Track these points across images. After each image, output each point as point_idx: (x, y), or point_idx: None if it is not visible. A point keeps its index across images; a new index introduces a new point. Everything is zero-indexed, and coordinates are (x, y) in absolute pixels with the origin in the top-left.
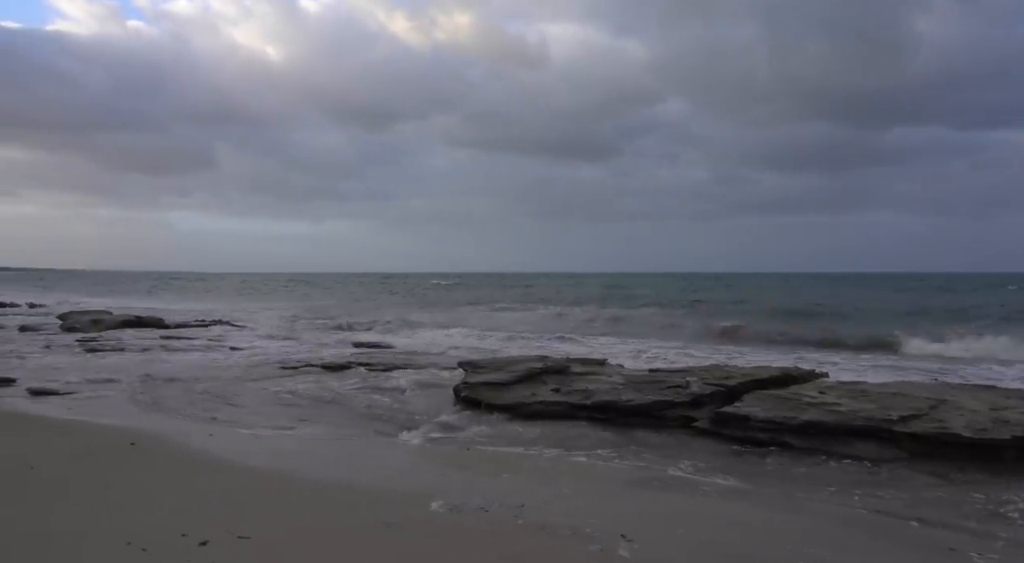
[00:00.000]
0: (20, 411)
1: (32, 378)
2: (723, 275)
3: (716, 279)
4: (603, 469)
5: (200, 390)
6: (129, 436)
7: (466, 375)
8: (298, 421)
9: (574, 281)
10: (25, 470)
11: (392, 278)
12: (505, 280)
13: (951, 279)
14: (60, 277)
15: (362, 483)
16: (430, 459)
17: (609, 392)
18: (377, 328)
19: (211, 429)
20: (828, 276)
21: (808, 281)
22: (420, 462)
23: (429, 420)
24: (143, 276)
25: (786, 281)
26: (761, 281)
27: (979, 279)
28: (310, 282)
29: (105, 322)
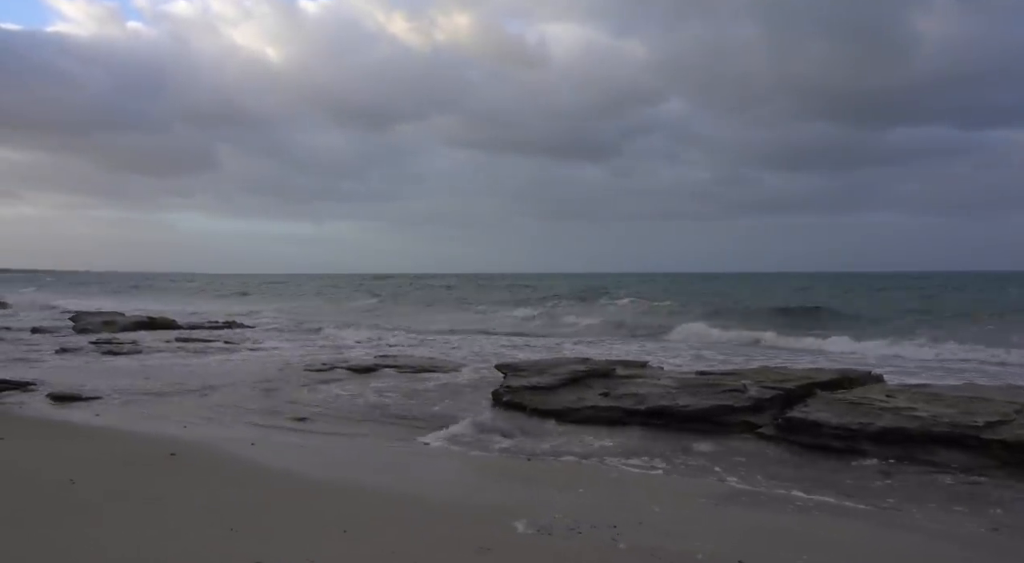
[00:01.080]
0: (46, 418)
1: (52, 382)
2: (723, 275)
3: (711, 279)
4: (683, 483)
5: (230, 394)
6: (166, 445)
7: (506, 378)
8: (342, 426)
9: (568, 280)
10: (64, 485)
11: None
12: (495, 280)
13: (952, 278)
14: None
15: (434, 497)
16: (494, 471)
17: (663, 396)
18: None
19: (250, 436)
20: (831, 275)
21: (806, 280)
22: (485, 474)
23: (477, 427)
24: (143, 277)
25: (779, 281)
26: (759, 281)
27: (981, 278)
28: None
29: (118, 324)
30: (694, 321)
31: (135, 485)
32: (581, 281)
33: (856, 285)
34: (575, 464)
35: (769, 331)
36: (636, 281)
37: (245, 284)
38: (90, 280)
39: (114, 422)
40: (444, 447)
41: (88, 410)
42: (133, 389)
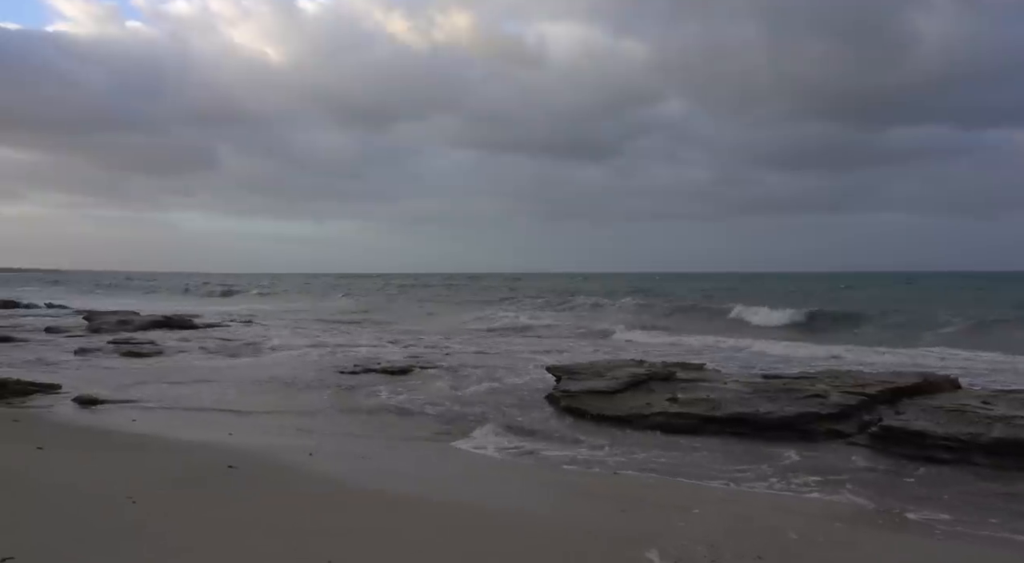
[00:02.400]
0: (82, 424)
1: (76, 385)
2: (724, 275)
3: (711, 279)
4: (801, 502)
5: (267, 398)
6: (220, 456)
7: (561, 382)
8: (395, 432)
9: (565, 280)
10: (124, 506)
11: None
12: (492, 279)
13: (954, 277)
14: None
15: (540, 516)
16: (585, 487)
17: (738, 402)
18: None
19: (303, 444)
20: (833, 275)
21: (807, 280)
22: (576, 490)
23: (543, 435)
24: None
25: (784, 281)
26: (762, 281)
27: (983, 277)
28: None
29: (133, 323)
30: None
31: (198, 504)
32: (581, 281)
33: (861, 284)
34: (670, 480)
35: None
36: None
37: (250, 283)
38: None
39: (156, 429)
40: (513, 458)
41: (122, 415)
42: (162, 392)
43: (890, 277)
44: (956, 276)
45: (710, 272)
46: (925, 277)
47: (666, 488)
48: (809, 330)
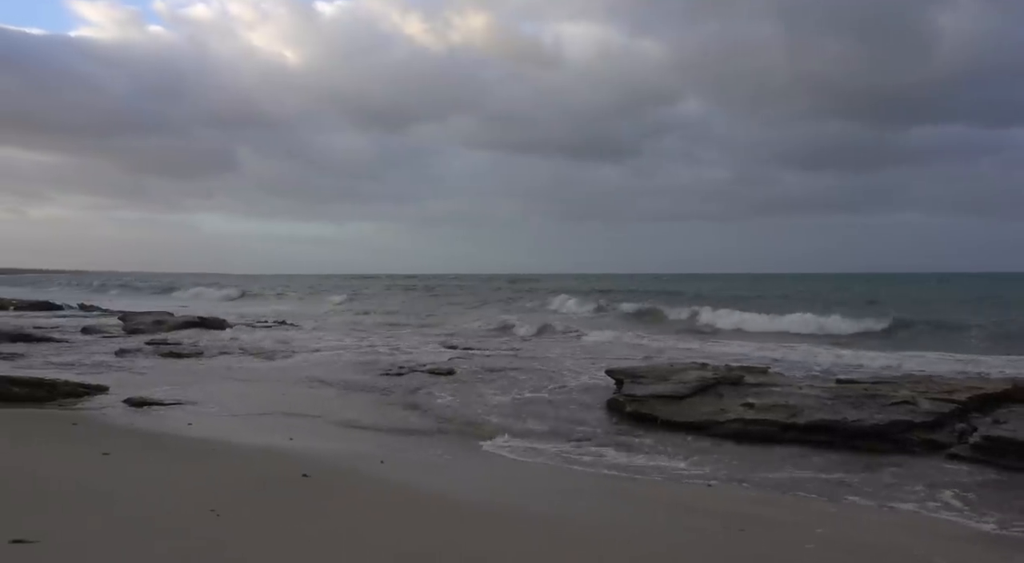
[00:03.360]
0: (139, 428)
1: (122, 386)
2: (743, 275)
3: (732, 279)
4: (927, 521)
5: (316, 400)
6: (292, 464)
7: (624, 386)
8: (460, 438)
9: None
10: (209, 520)
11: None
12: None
13: (978, 279)
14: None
15: (643, 533)
16: (680, 500)
17: (820, 409)
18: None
19: (370, 450)
20: (854, 276)
21: (828, 281)
22: (673, 504)
23: (619, 444)
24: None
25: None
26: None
27: (1008, 279)
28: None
29: (167, 323)
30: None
31: (280, 517)
32: (595, 282)
33: (881, 285)
34: (772, 495)
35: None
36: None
37: (272, 284)
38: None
39: (214, 433)
40: (591, 468)
41: (176, 418)
42: (209, 394)
43: (912, 278)
44: (983, 277)
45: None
46: (952, 278)
47: (770, 504)
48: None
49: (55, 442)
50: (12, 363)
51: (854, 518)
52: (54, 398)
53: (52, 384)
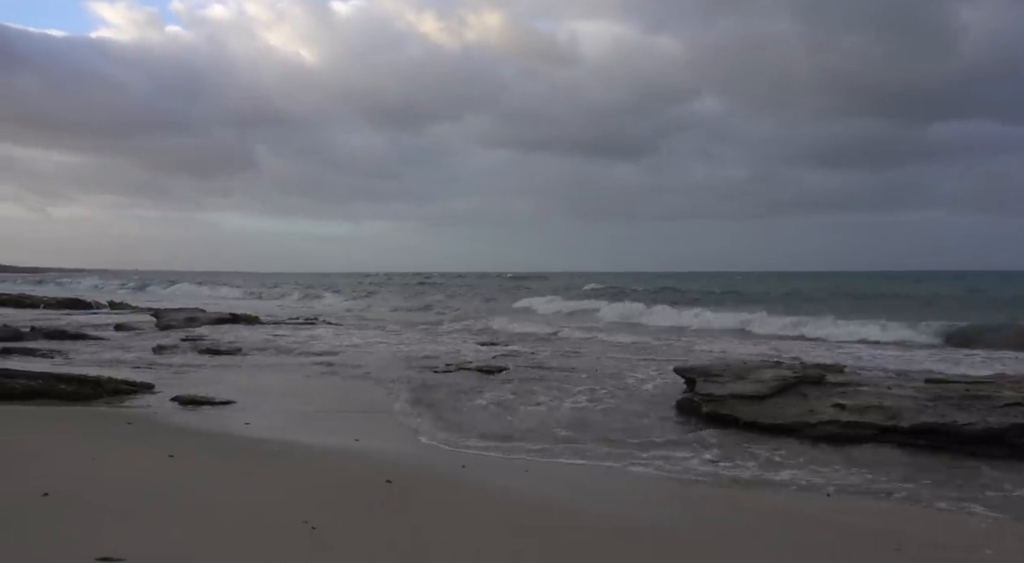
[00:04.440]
0: (197, 428)
1: (166, 383)
2: (763, 274)
3: (754, 278)
4: None
5: (368, 398)
6: (372, 468)
7: (696, 385)
8: (535, 441)
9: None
10: (306, 535)
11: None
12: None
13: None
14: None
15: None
16: (807, 514)
17: (924, 411)
18: None
19: (445, 452)
20: (877, 274)
21: (862, 279)
22: (799, 518)
23: (693, 445)
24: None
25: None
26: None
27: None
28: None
29: (200, 320)
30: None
31: (377, 530)
32: (613, 279)
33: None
34: (901, 506)
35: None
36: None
37: (294, 282)
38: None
39: (276, 434)
40: (688, 476)
41: (231, 418)
42: (257, 391)
43: (938, 276)
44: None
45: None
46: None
47: (913, 518)
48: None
49: (116, 444)
50: (52, 361)
51: (1006, 537)
52: (100, 396)
53: (97, 381)
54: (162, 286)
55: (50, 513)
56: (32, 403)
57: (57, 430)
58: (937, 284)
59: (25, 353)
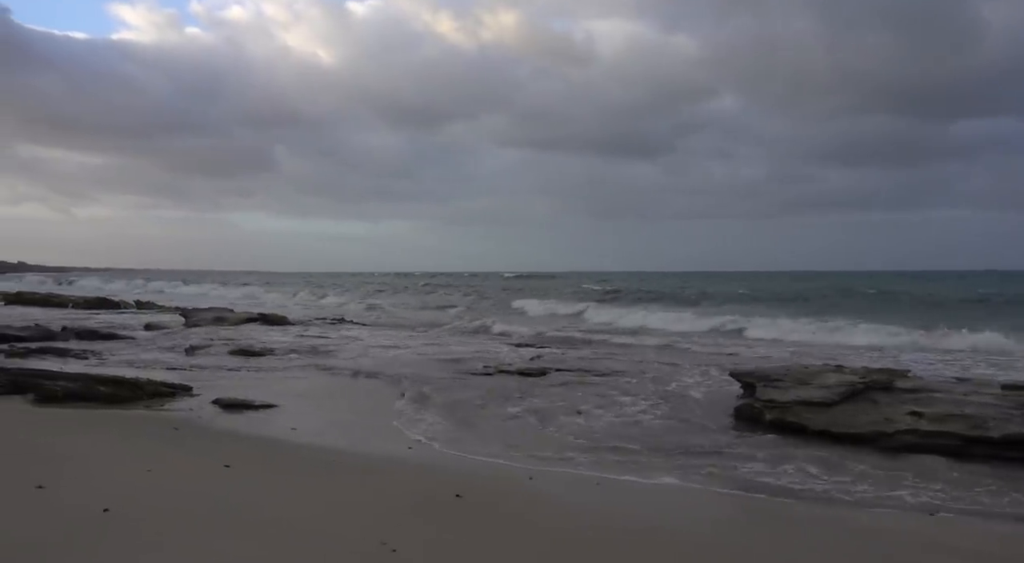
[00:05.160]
0: (245, 433)
1: (203, 385)
2: (783, 274)
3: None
4: None
5: (412, 402)
6: (437, 478)
7: (758, 390)
8: (590, 453)
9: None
10: (382, 555)
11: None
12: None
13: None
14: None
15: None
16: (909, 534)
17: (1012, 421)
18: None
19: (509, 463)
20: (899, 274)
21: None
22: (901, 539)
23: (760, 454)
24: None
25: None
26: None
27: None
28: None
29: (229, 319)
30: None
31: (462, 552)
32: (637, 280)
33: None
34: None
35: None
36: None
37: (317, 282)
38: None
39: (325, 440)
40: (775, 495)
41: (275, 422)
42: (297, 394)
43: (961, 276)
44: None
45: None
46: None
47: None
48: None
49: (168, 452)
50: (86, 362)
51: None
52: (140, 398)
53: (136, 383)
54: (185, 285)
55: (113, 530)
56: (72, 406)
57: (106, 437)
58: (964, 283)
59: (59, 354)
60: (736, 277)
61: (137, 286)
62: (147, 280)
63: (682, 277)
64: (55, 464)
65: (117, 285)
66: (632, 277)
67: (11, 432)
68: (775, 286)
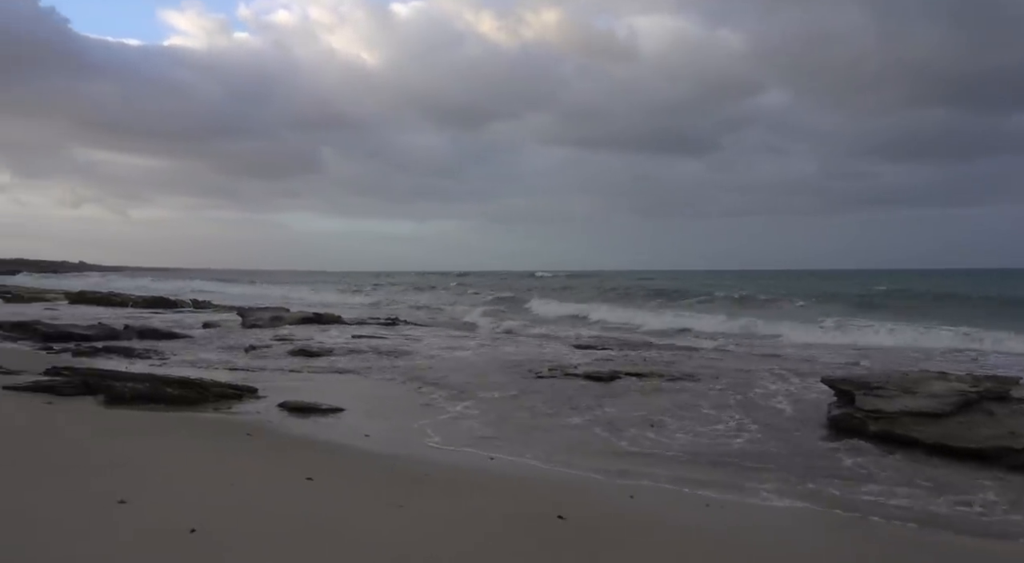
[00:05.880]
0: (322, 440)
1: (267, 387)
2: (835, 272)
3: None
4: None
5: (480, 408)
6: (534, 495)
7: (858, 399)
8: (681, 468)
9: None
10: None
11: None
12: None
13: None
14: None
15: None
16: None
17: None
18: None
19: (604, 478)
20: (958, 272)
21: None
22: None
23: (869, 473)
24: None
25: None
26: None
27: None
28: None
29: (285, 319)
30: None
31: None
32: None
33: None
34: None
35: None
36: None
37: (362, 281)
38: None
39: (403, 448)
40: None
41: (347, 428)
42: (364, 398)
43: (1020, 274)
44: None
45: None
46: None
47: None
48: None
49: (247, 461)
50: (149, 361)
51: None
52: (206, 400)
53: (202, 385)
54: (238, 285)
55: (204, 554)
56: (141, 407)
57: (183, 444)
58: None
59: (124, 353)
60: (785, 275)
61: (191, 285)
62: (202, 279)
63: (730, 276)
64: (136, 476)
65: (171, 284)
66: (682, 275)
67: (89, 438)
68: (830, 285)
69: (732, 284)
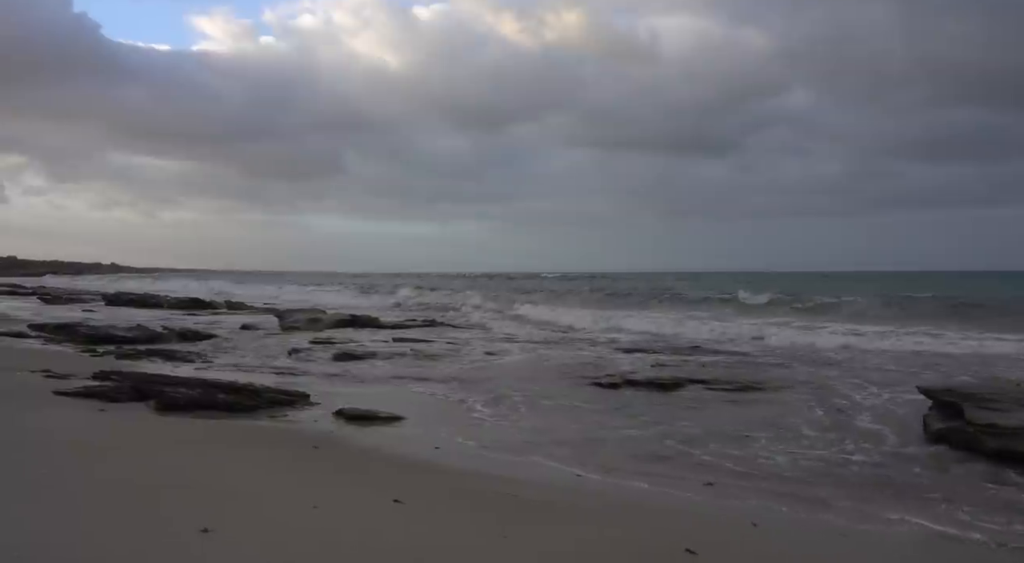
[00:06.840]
0: (391, 454)
1: (316, 391)
2: (868, 274)
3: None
4: None
5: (547, 417)
6: (650, 522)
7: (967, 412)
8: (795, 488)
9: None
10: None
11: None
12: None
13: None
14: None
15: None
16: None
17: None
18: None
19: (721, 501)
20: (989, 274)
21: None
22: None
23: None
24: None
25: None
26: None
27: None
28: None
29: (322, 321)
30: None
31: None
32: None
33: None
34: None
35: None
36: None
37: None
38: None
39: (479, 464)
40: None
41: (416, 439)
42: (421, 405)
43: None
44: None
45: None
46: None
47: None
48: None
49: (325, 479)
50: (193, 365)
51: None
52: (259, 406)
53: (255, 391)
54: (268, 286)
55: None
56: (193, 414)
57: (248, 457)
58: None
59: (167, 356)
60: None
61: (222, 286)
62: (232, 281)
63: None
64: (211, 497)
65: (202, 285)
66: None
67: (150, 451)
68: (867, 287)
69: (763, 285)
